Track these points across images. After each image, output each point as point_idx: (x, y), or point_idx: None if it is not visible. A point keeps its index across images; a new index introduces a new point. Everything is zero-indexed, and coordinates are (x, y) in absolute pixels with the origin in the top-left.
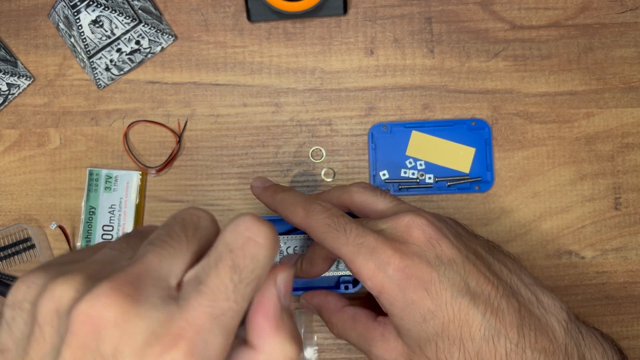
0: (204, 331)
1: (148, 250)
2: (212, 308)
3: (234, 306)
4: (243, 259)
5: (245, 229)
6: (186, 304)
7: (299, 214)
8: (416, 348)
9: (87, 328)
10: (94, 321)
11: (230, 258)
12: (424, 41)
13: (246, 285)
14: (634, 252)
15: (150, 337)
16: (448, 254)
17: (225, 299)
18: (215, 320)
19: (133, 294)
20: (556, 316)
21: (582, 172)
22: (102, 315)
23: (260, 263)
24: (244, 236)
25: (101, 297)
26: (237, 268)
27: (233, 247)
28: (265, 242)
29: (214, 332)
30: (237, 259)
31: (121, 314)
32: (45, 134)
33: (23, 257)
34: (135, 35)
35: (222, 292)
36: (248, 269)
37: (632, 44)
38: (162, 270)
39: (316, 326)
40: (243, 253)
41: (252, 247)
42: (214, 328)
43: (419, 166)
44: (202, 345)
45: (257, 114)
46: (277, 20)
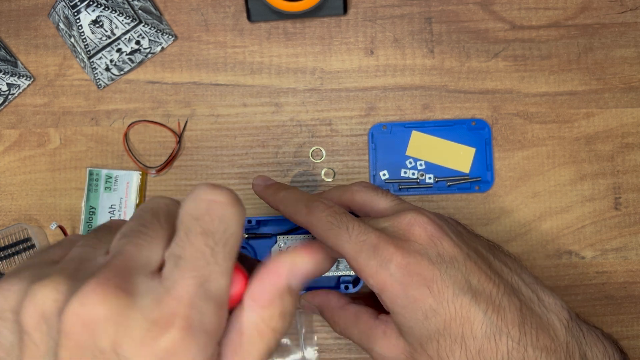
0: (195, 302)
1: (125, 243)
2: (196, 278)
3: (217, 268)
4: (211, 222)
5: (204, 194)
6: (171, 282)
7: (301, 211)
8: (418, 346)
9: (80, 327)
10: (86, 319)
11: (199, 225)
12: (424, 41)
13: (223, 245)
14: (634, 252)
15: (145, 323)
16: (449, 252)
17: (206, 264)
18: (203, 288)
19: (121, 286)
20: (557, 315)
21: (582, 172)
22: (94, 312)
23: (230, 221)
24: (205, 200)
25: (90, 294)
26: (208, 232)
27: (197, 214)
28: (228, 199)
29: (206, 300)
30: (205, 223)
31: (113, 308)
32: (45, 134)
33: (23, 257)
34: (136, 35)
35: (200, 259)
36: (220, 230)
37: (632, 44)
38: (143, 258)
39: (316, 326)
40: (210, 216)
41: (216, 208)
42: (203, 296)
43: (419, 166)
44: (198, 317)
45: (257, 114)
46: (277, 20)
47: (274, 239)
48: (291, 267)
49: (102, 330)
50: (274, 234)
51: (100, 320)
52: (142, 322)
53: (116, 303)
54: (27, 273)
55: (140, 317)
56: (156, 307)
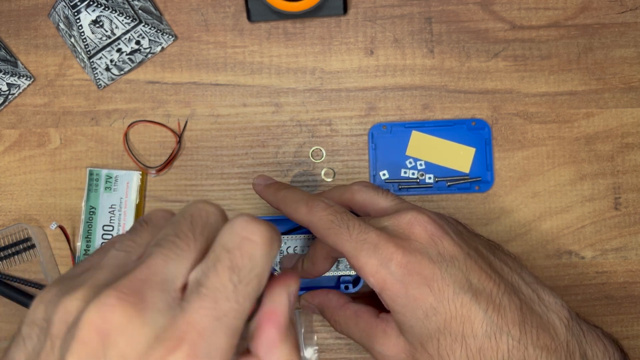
0: (207, 333)
1: (154, 252)
2: (213, 310)
3: (236, 306)
4: (241, 258)
5: (240, 229)
6: (188, 307)
7: (302, 210)
8: (418, 344)
9: (92, 334)
10: (99, 327)
11: (228, 258)
12: (424, 41)
13: (246, 284)
14: (634, 252)
15: (154, 341)
16: (450, 251)
17: (226, 300)
18: (218, 322)
19: (138, 300)
20: (557, 314)
21: (582, 172)
22: (107, 320)
23: (259, 262)
24: (239, 236)
25: (106, 303)
26: (235, 268)
27: (230, 247)
28: (262, 240)
29: (217, 334)
30: (235, 259)
31: (126, 319)
32: (46, 134)
33: (23, 257)
34: (136, 35)
35: (222, 293)
36: (246, 269)
37: (632, 44)
38: (168, 273)
39: (316, 326)
40: (240, 253)
41: (248, 246)
42: (216, 329)
43: (419, 166)
44: (205, 347)
45: (257, 114)
46: (277, 20)
47: None
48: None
49: (113, 340)
50: None
51: (113, 329)
52: (152, 338)
53: (129, 314)
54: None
55: (150, 333)
56: (168, 327)
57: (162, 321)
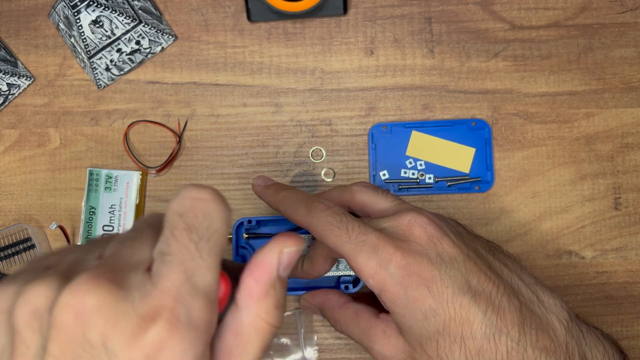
0: (182, 296)
1: (118, 246)
2: (182, 272)
3: (202, 262)
4: (195, 217)
5: (188, 193)
6: (158, 277)
7: (301, 212)
8: (417, 345)
9: (71, 319)
10: (77, 310)
11: (183, 221)
12: (424, 41)
13: (207, 240)
14: (634, 252)
15: (134, 317)
16: (449, 252)
17: (191, 259)
18: (189, 282)
19: (112, 279)
20: (557, 315)
21: (582, 172)
22: (85, 303)
23: (214, 217)
24: (189, 198)
25: (82, 286)
26: (192, 227)
27: (182, 211)
28: (211, 196)
29: (193, 294)
30: (189, 219)
31: (102, 298)
32: (45, 134)
33: (23, 257)
34: (136, 36)
35: (185, 254)
36: (203, 225)
37: (632, 44)
38: (134, 258)
39: (316, 326)
40: (193, 213)
41: (199, 205)
42: (190, 290)
43: (419, 166)
44: (185, 310)
45: (257, 114)
46: (277, 20)
47: None
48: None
49: (92, 322)
50: (274, 234)
51: (91, 311)
52: (131, 315)
53: (107, 294)
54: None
55: (129, 311)
56: (144, 301)
57: (136, 295)
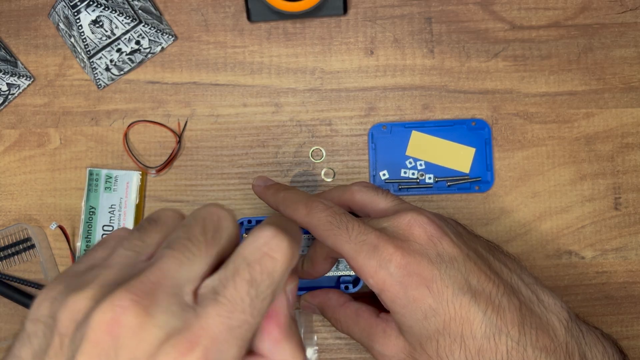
0: (220, 340)
1: (166, 255)
2: (228, 319)
3: (250, 319)
4: (260, 274)
5: (263, 243)
6: (203, 312)
7: (301, 212)
8: (417, 345)
9: (103, 334)
10: (111, 327)
11: (248, 272)
12: (424, 41)
13: (262, 299)
14: (634, 252)
15: (166, 344)
16: (449, 252)
17: (242, 312)
18: (231, 331)
19: (150, 302)
20: (557, 315)
21: (582, 172)
22: (119, 321)
23: (276, 279)
24: (262, 250)
25: (118, 303)
26: (254, 282)
27: (250, 260)
28: (283, 258)
29: (229, 343)
30: (254, 273)
31: (138, 320)
32: (45, 134)
33: (23, 257)
34: (135, 35)
35: (238, 304)
36: (264, 284)
37: (632, 44)
38: (180, 276)
39: (316, 326)
40: (260, 268)
41: (269, 262)
42: (229, 339)
43: (419, 166)
44: (217, 354)
45: (257, 114)
46: (277, 20)
47: None
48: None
49: (124, 341)
50: None
51: (124, 330)
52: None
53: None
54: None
55: (162, 335)
56: (182, 330)
57: (174, 324)
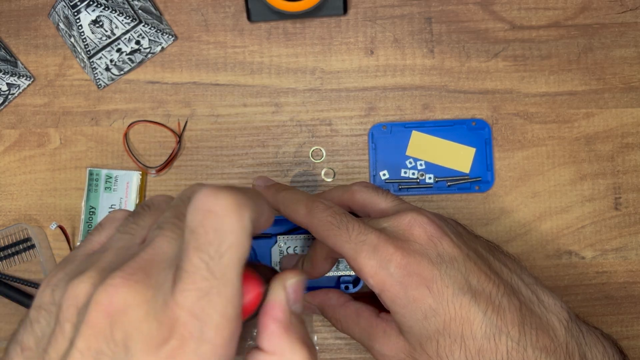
0: (196, 313)
1: (157, 235)
2: (194, 290)
3: (215, 282)
4: (205, 235)
5: (200, 204)
6: (175, 289)
7: (301, 212)
8: (417, 345)
9: (101, 316)
10: (107, 308)
11: (193, 239)
12: (424, 41)
13: (219, 258)
14: (634, 252)
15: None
16: (449, 252)
17: (203, 279)
18: (203, 300)
19: (143, 280)
20: (557, 315)
21: (582, 172)
22: (115, 302)
23: (225, 232)
24: (200, 211)
25: (113, 285)
26: (202, 247)
27: (193, 226)
28: (224, 209)
29: (207, 312)
30: (199, 237)
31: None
32: (45, 134)
33: (23, 257)
34: (135, 35)
35: (197, 273)
36: (214, 244)
37: (632, 44)
38: (170, 252)
39: (316, 326)
40: (204, 229)
41: (210, 220)
42: (204, 307)
43: (419, 166)
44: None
45: (257, 114)
46: (277, 20)
47: (274, 239)
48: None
49: (119, 320)
50: (274, 234)
51: (120, 310)
52: (153, 321)
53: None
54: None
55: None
56: (164, 308)
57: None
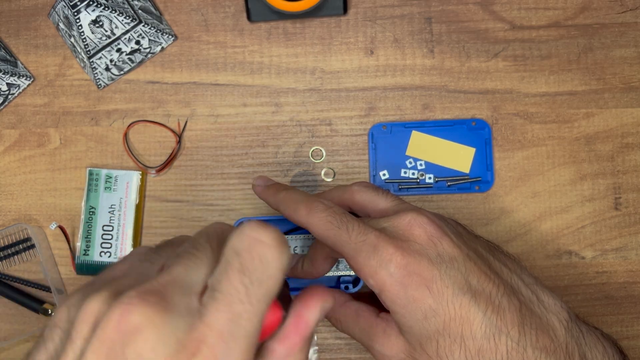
0: (224, 335)
1: (174, 262)
2: (228, 312)
3: (249, 308)
4: (251, 260)
5: (250, 232)
6: (205, 311)
7: (301, 212)
8: (417, 345)
9: (113, 333)
10: (119, 325)
11: (238, 262)
12: (424, 41)
13: (258, 286)
14: (634, 252)
15: (175, 344)
16: (449, 252)
17: (240, 302)
18: (234, 323)
19: (158, 300)
20: (557, 315)
21: (582, 172)
22: (128, 320)
23: (270, 263)
24: (249, 238)
25: (127, 303)
26: (246, 270)
27: (239, 250)
28: (271, 241)
29: (235, 335)
30: (245, 261)
31: (147, 319)
32: (45, 134)
33: (23, 257)
34: (135, 35)
35: (234, 295)
36: (257, 271)
37: (632, 44)
38: (188, 279)
39: (316, 326)
40: (250, 255)
41: (258, 248)
42: (233, 331)
43: (419, 166)
44: (224, 349)
45: (257, 114)
46: (277, 20)
47: None
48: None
49: (133, 339)
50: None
51: (134, 328)
52: (172, 342)
53: (152, 315)
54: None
55: (171, 337)
56: (188, 330)
57: (182, 324)
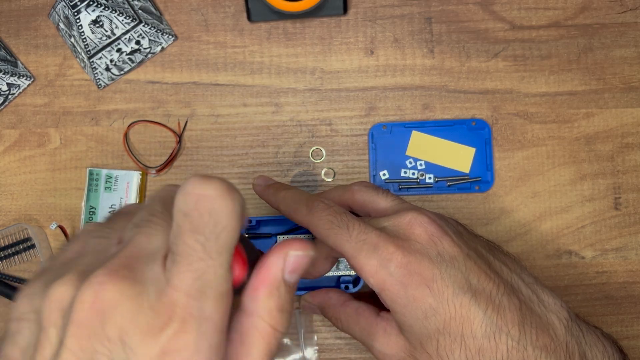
0: (193, 293)
1: (135, 233)
2: (191, 272)
3: (211, 262)
4: (200, 217)
5: (192, 189)
6: (170, 275)
7: (302, 211)
8: (417, 344)
9: (89, 314)
10: (95, 305)
11: (188, 222)
12: (424, 41)
13: (215, 240)
14: (634, 252)
15: (149, 312)
16: (450, 252)
17: (199, 260)
18: (199, 281)
19: (128, 273)
20: (557, 314)
21: (582, 172)
22: (101, 298)
23: (219, 214)
24: (193, 196)
25: (96, 280)
26: (197, 229)
27: (186, 210)
28: (217, 192)
29: (203, 291)
30: (194, 220)
31: (119, 293)
32: (46, 134)
33: (23, 257)
34: (136, 35)
35: (193, 255)
36: (209, 225)
37: (632, 44)
38: (151, 247)
39: (316, 326)
40: (198, 212)
41: (204, 203)
42: (201, 287)
43: (419, 166)
44: (197, 305)
45: (257, 114)
46: (277, 20)
47: (274, 239)
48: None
49: (110, 317)
50: (274, 234)
51: (109, 306)
52: (148, 311)
53: (124, 289)
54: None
55: (146, 306)
56: (159, 296)
57: (153, 291)
